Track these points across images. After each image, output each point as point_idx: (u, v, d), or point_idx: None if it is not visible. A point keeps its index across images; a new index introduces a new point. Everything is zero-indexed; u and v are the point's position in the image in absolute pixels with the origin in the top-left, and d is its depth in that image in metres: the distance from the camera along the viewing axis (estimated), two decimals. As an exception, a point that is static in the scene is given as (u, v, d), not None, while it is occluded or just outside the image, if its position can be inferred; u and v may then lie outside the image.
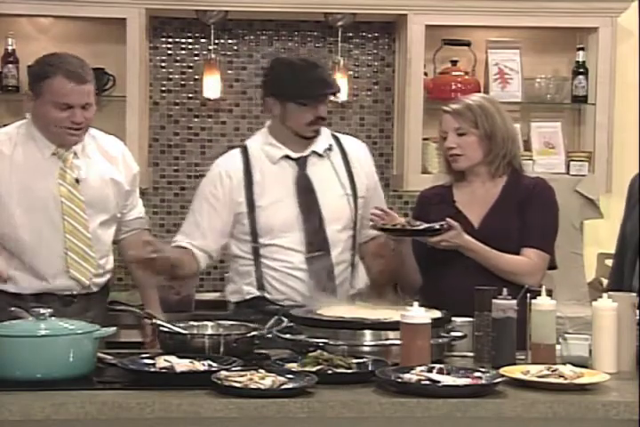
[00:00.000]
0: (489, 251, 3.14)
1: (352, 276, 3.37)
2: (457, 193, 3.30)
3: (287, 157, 3.33)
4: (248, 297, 3.33)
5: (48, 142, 3.18)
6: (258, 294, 3.31)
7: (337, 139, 3.43)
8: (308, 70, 3.27)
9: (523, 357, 2.71)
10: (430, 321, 2.60)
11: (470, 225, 3.19)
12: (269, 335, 2.78)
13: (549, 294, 2.71)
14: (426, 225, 3.08)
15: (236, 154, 3.38)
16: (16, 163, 3.16)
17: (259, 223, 3.29)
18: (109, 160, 3.32)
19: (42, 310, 2.53)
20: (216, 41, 4.61)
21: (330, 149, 3.38)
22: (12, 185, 3.13)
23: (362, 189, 3.37)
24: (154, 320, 2.84)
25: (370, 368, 2.53)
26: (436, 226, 3.06)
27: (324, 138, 3.38)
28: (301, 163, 3.33)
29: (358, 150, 3.47)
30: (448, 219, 3.08)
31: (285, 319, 2.82)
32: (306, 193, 3.29)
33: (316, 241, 3.28)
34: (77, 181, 3.19)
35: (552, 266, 3.28)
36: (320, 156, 3.35)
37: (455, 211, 3.23)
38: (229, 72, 4.67)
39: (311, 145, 3.34)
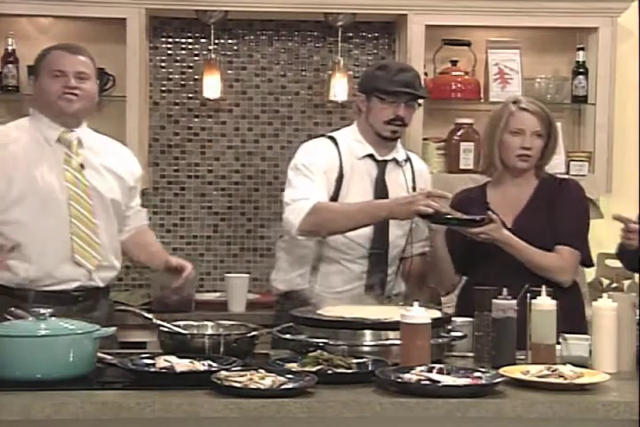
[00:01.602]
0: (526, 246, 3.18)
1: (395, 280, 3.47)
2: (490, 194, 3.36)
3: (371, 156, 3.44)
4: (297, 288, 3.42)
5: (53, 128, 3.21)
6: (308, 285, 3.40)
7: (407, 155, 3.56)
8: (398, 71, 3.41)
9: (523, 357, 2.71)
10: (430, 321, 2.60)
11: (503, 225, 3.21)
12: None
13: (549, 293, 2.72)
14: (467, 216, 3.13)
15: (328, 143, 3.47)
16: (22, 151, 3.17)
17: None
18: (113, 155, 3.37)
19: (42, 310, 2.52)
20: (216, 41, 4.61)
21: (406, 160, 3.52)
22: (17, 172, 3.14)
23: None
24: (154, 320, 2.83)
25: (370, 368, 2.53)
26: (478, 218, 3.12)
27: (402, 150, 3.53)
28: (382, 166, 3.45)
29: (423, 170, 3.63)
30: (489, 212, 3.14)
31: None
32: (380, 195, 3.39)
33: (380, 240, 3.40)
34: (82, 166, 3.22)
35: (589, 263, 3.34)
36: (397, 164, 3.48)
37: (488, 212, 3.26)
38: (229, 72, 4.67)
39: (393, 151, 3.47)
